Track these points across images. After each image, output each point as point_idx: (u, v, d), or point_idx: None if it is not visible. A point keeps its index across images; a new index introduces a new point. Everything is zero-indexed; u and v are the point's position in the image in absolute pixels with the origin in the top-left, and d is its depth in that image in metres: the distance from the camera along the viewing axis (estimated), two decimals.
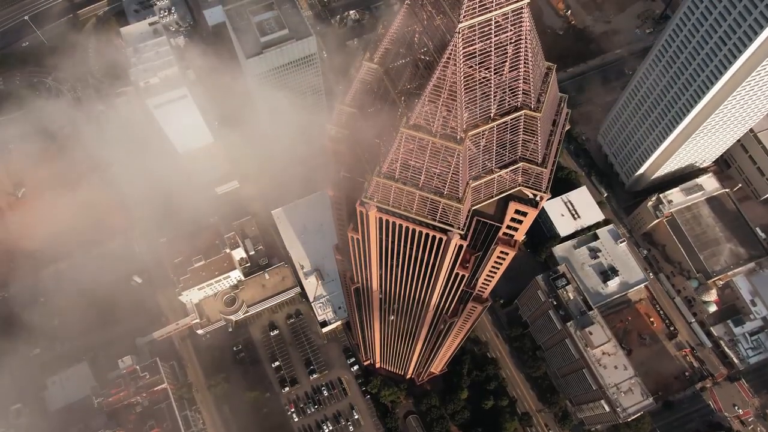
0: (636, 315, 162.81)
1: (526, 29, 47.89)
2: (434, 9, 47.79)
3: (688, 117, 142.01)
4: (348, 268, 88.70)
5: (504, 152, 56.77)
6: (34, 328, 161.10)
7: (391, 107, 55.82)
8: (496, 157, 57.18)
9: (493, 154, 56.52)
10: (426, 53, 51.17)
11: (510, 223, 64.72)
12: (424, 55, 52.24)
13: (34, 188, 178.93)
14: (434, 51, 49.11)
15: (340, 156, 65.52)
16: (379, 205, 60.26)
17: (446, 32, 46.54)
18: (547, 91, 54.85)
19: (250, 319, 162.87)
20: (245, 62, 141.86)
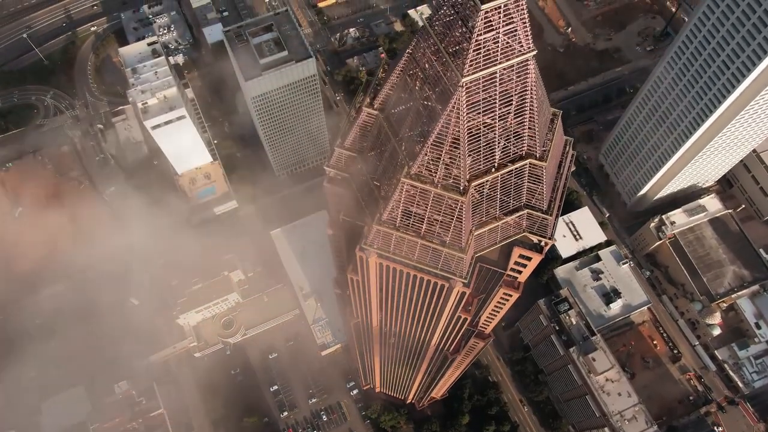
0: (639, 337, 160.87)
1: (532, 80, 46.45)
2: (436, 59, 46.31)
3: (691, 138, 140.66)
4: (347, 303, 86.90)
5: (508, 200, 55.22)
6: (30, 350, 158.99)
7: (391, 154, 54.31)
8: (500, 205, 55.61)
9: (497, 201, 54.94)
10: (428, 100, 49.70)
11: (514, 266, 63.08)
12: (426, 100, 50.75)
13: (32, 208, 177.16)
14: (436, 101, 47.65)
15: (339, 197, 63.95)
16: (379, 252, 58.59)
17: (449, 85, 45.06)
18: (553, 138, 53.35)
19: (249, 342, 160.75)
20: (244, 84, 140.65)
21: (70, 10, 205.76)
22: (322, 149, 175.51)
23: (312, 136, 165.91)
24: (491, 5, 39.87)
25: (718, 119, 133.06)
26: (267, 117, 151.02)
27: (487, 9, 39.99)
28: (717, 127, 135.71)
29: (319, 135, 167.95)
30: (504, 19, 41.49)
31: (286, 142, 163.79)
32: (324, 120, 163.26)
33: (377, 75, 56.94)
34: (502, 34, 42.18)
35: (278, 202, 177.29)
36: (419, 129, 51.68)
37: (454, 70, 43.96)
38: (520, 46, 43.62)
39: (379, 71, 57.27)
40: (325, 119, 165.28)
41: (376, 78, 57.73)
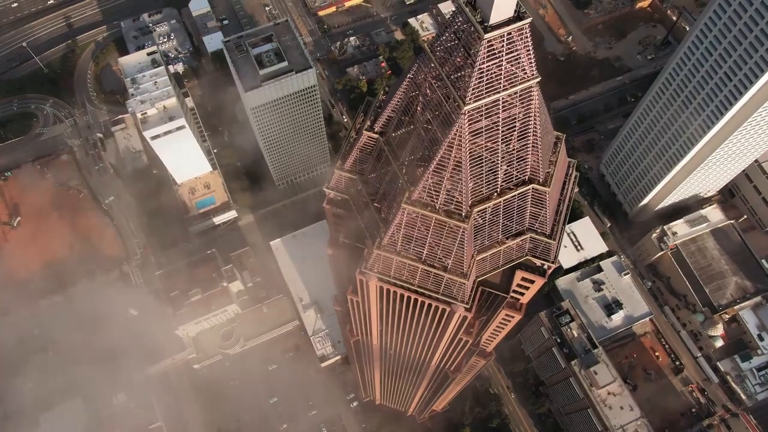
0: (641, 349, 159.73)
1: (536, 106, 45.67)
2: (438, 85, 45.53)
3: (694, 149, 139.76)
4: (347, 320, 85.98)
5: (511, 224, 54.36)
6: (28, 361, 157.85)
7: (392, 178, 53.50)
8: (503, 229, 54.76)
9: (500, 226, 54.10)
10: (429, 125, 48.90)
11: (516, 288, 62.23)
12: (427, 125, 49.93)
13: (30, 217, 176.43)
14: (438, 127, 46.84)
15: (338, 218, 63.14)
16: (379, 275, 57.71)
17: (451, 112, 44.28)
18: (557, 163, 52.55)
19: (248, 353, 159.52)
20: (244, 95, 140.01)
21: (70, 18, 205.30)
22: (323, 159, 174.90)
23: (312, 146, 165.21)
24: (495, 34, 39.15)
25: (721, 130, 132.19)
26: (267, 127, 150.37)
27: (491, 38, 39.27)
28: (720, 138, 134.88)
29: (319, 145, 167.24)
30: (507, 47, 40.75)
31: (286, 152, 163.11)
32: (324, 130, 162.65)
33: (378, 97, 56.18)
34: (506, 61, 41.43)
35: (278, 212, 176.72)
36: (420, 153, 50.91)
37: (456, 98, 43.18)
38: (524, 72, 42.87)
39: (379, 94, 56.50)
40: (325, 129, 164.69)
41: (376, 100, 56.99)
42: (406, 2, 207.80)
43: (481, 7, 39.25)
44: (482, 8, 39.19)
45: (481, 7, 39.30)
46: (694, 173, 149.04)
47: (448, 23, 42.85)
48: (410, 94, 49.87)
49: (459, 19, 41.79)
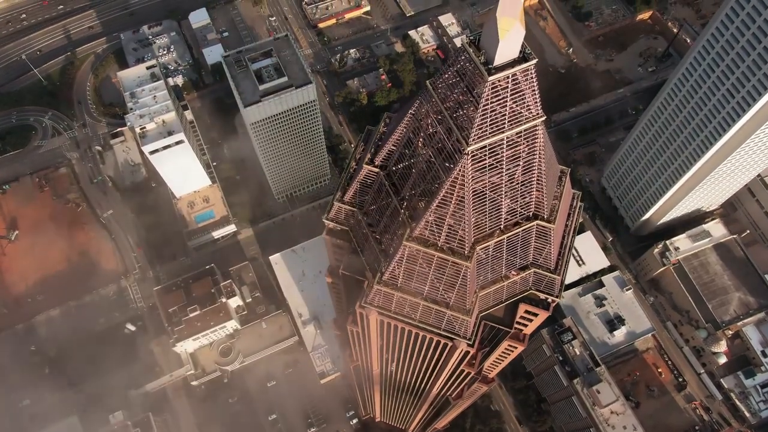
0: (643, 365, 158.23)
1: (540, 144, 44.61)
2: (440, 124, 44.45)
3: (697, 165, 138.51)
4: (347, 345, 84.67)
5: (514, 259, 53.19)
6: (24, 377, 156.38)
7: (393, 212, 52.37)
8: (506, 264, 53.58)
9: (503, 261, 52.92)
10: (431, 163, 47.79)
11: (519, 320, 60.98)
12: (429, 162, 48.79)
13: (28, 231, 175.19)
14: (440, 165, 45.74)
15: (338, 248, 61.99)
16: (380, 310, 56.48)
17: (454, 152, 43.21)
18: (561, 198, 51.43)
19: (247, 370, 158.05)
20: (244, 110, 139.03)
21: (69, 30, 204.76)
22: (323, 172, 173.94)
23: (312, 160, 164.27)
24: (499, 76, 38.13)
25: (724, 146, 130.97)
26: (266, 142, 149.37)
27: (495, 80, 38.25)
28: (723, 153, 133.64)
29: (319, 159, 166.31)
30: (512, 87, 39.74)
31: (285, 167, 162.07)
32: (324, 144, 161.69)
33: (378, 129, 55.14)
34: (510, 101, 40.42)
35: (277, 226, 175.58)
36: (422, 188, 49.78)
37: (459, 137, 42.14)
38: (529, 112, 41.85)
39: (380, 125, 55.49)
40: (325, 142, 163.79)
41: (377, 131, 55.97)
42: (407, 14, 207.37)
43: (485, 48, 38.26)
44: (486, 49, 38.20)
45: (485, 47, 38.31)
46: (697, 188, 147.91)
47: (451, 61, 41.84)
48: (411, 129, 48.82)
49: (462, 58, 40.81)
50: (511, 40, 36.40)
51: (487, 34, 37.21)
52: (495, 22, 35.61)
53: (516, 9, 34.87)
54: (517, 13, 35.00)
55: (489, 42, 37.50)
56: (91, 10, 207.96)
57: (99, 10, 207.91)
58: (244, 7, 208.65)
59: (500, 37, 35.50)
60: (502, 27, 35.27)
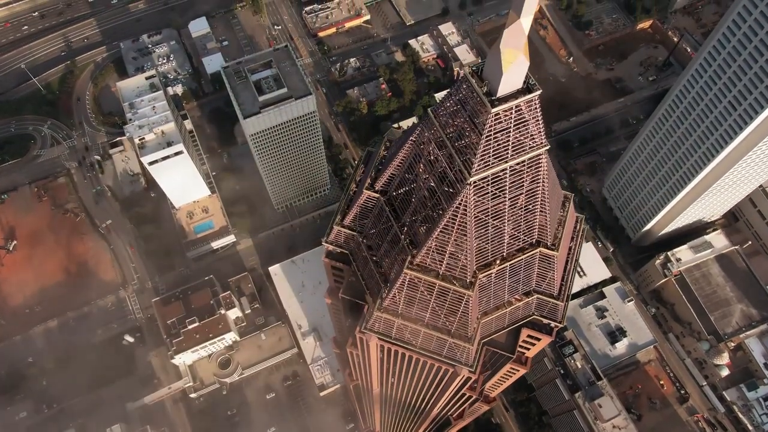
0: (645, 377, 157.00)
1: (544, 172, 43.81)
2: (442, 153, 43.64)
3: (699, 176, 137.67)
4: (347, 363, 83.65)
5: (517, 285, 52.32)
6: (21, 389, 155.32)
7: (393, 238, 51.53)
8: (509, 290, 52.72)
9: (506, 287, 52.05)
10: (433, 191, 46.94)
11: (522, 344, 60.08)
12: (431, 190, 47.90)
13: (27, 241, 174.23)
14: (442, 194, 44.93)
15: (337, 271, 61.12)
16: (380, 336, 55.56)
17: (456, 181, 42.41)
18: (565, 224, 50.60)
19: (246, 382, 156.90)
20: (243, 121, 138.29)
21: (69, 39, 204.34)
22: (322, 182, 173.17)
23: (312, 170, 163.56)
24: (503, 108, 37.35)
25: (727, 157, 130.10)
26: (266, 153, 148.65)
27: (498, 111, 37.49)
28: (726, 165, 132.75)
29: (319, 169, 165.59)
30: (516, 118, 39.00)
31: (285, 177, 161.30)
32: (324, 154, 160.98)
33: (379, 152, 54.34)
34: (514, 131, 39.67)
35: (277, 236, 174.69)
36: (423, 214, 48.97)
37: (461, 167, 41.36)
38: (533, 141, 41.10)
39: (380, 148, 54.70)
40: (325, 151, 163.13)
41: (377, 152, 55.18)
42: (407, 23, 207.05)
43: (488, 79, 37.50)
44: (489, 80, 37.44)
45: (488, 78, 37.54)
46: (699, 199, 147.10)
47: (453, 90, 41.08)
48: (413, 156, 48.04)
49: (464, 87, 40.06)
50: (514, 72, 35.65)
51: (490, 65, 36.44)
52: (498, 53, 34.83)
53: (520, 41, 34.11)
54: (521, 45, 34.23)
55: (492, 73, 36.73)
56: (90, 19, 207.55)
57: (99, 19, 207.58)
58: (244, 17, 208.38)
59: (504, 70, 34.75)
60: (505, 59, 34.51)
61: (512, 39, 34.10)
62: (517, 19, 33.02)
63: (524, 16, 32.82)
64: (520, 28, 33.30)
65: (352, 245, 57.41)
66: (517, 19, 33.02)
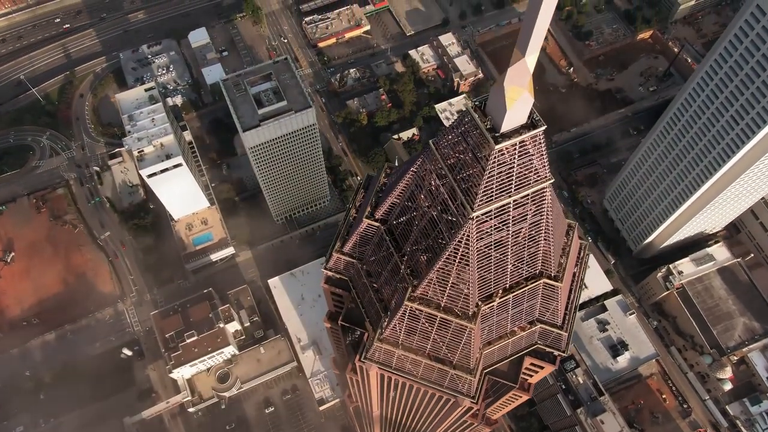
0: (647, 391, 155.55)
1: (548, 204, 42.97)
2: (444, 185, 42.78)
3: (702, 189, 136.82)
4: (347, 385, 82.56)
5: (520, 316, 51.37)
6: (18, 403, 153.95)
7: (394, 268, 50.60)
8: (512, 320, 51.76)
9: (508, 318, 51.10)
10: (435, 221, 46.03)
11: (525, 371, 59.07)
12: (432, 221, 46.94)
13: (25, 252, 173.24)
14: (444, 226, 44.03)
15: (337, 297, 60.16)
16: (380, 366, 54.54)
17: (458, 215, 41.54)
18: (569, 254, 49.71)
19: (244, 396, 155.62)
20: (243, 134, 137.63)
21: (68, 49, 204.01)
22: (322, 194, 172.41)
23: (311, 182, 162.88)
24: (507, 144, 36.54)
25: (730, 170, 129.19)
26: (266, 165, 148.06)
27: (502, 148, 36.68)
28: (729, 178, 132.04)
29: (319, 181, 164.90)
30: (520, 153, 38.19)
31: (285, 189, 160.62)
32: (323, 166, 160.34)
33: (379, 179, 53.49)
34: (517, 166, 38.84)
35: (276, 248, 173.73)
36: (424, 245, 48.06)
37: (463, 201, 40.50)
38: (537, 175, 40.26)
39: (380, 175, 53.86)
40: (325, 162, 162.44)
41: (377, 178, 54.33)
42: (407, 34, 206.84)
43: (492, 114, 36.71)
44: (492, 115, 36.65)
45: (491, 114, 36.75)
46: (701, 212, 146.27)
47: (455, 123, 40.30)
48: (413, 186, 47.18)
49: (466, 120, 39.27)
50: (519, 109, 34.85)
51: (494, 102, 35.66)
52: (502, 90, 34.04)
53: (524, 78, 33.33)
54: (526, 82, 33.44)
55: (495, 109, 35.95)
56: (90, 29, 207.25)
57: (98, 29, 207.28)
58: (243, 27, 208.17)
59: (508, 107, 33.95)
60: (509, 96, 33.72)
61: (517, 77, 33.31)
62: (521, 58, 32.27)
63: (529, 54, 32.07)
64: (525, 66, 32.53)
65: (351, 272, 56.50)
66: (521, 58, 32.27)
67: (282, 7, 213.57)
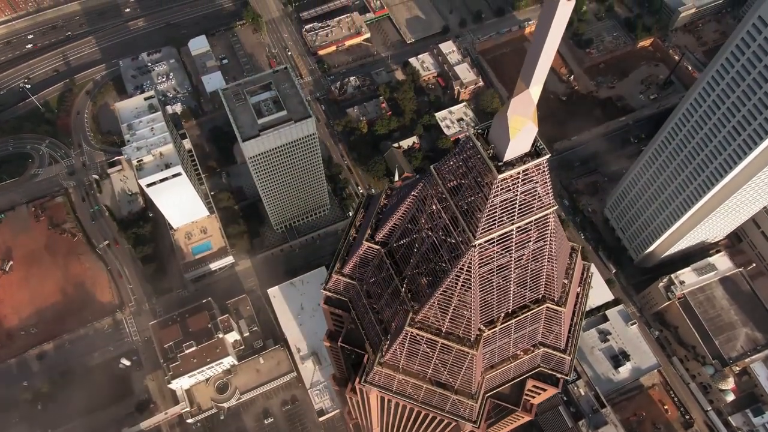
0: (649, 402, 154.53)
1: (551, 230, 42.26)
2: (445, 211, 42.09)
3: (704, 199, 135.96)
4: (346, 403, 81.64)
5: (523, 340, 50.59)
6: (16, 413, 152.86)
7: (394, 291, 49.85)
8: (514, 344, 50.99)
9: (511, 342, 50.31)
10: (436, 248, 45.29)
11: (528, 394, 58.23)
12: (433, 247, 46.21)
13: (23, 261, 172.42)
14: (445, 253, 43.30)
15: (336, 317, 59.37)
16: (380, 390, 53.72)
17: (460, 242, 40.83)
18: (572, 277, 48.96)
19: (243, 406, 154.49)
20: (242, 144, 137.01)
21: (68, 57, 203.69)
22: (322, 203, 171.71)
23: (311, 191, 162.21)
24: (510, 174, 35.85)
25: (733, 180, 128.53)
26: (265, 175, 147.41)
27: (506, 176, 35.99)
28: (731, 188, 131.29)
29: (319, 190, 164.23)
30: (523, 180, 37.49)
31: (284, 198, 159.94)
32: (323, 175, 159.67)
33: (379, 201, 52.78)
34: (521, 194, 38.15)
35: (276, 257, 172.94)
36: (426, 267, 47.33)
37: (465, 229, 39.78)
38: (540, 202, 39.56)
39: (381, 196, 53.15)
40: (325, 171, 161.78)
41: (377, 200, 53.64)
42: (407, 42, 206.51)
43: (494, 143, 36.03)
44: (495, 144, 35.97)
45: (494, 142, 36.07)
46: (704, 221, 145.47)
47: (457, 150, 39.62)
48: (414, 211, 46.48)
49: (468, 146, 38.59)
50: (522, 138, 34.18)
51: (497, 131, 34.99)
52: (505, 120, 33.37)
53: (529, 109, 32.67)
54: (530, 112, 32.77)
55: (498, 138, 35.28)
56: (90, 37, 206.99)
57: (98, 37, 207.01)
58: (243, 34, 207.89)
59: (511, 137, 33.27)
60: (513, 126, 33.05)
61: (520, 107, 32.64)
62: (525, 89, 31.60)
63: (533, 85, 31.40)
64: (529, 97, 31.88)
65: (351, 293, 55.74)
66: (525, 89, 31.60)
67: (282, 14, 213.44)
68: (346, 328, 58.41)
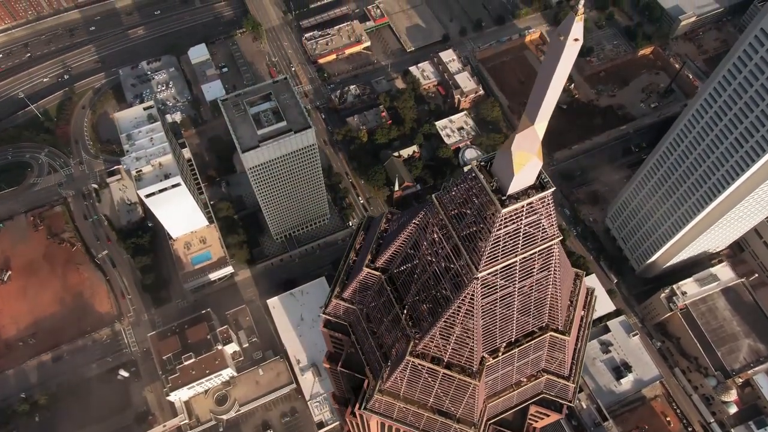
0: (651, 414, 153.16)
1: (555, 260, 41.46)
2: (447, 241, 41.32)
3: (706, 209, 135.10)
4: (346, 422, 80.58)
5: (526, 368, 49.73)
6: (13, 425, 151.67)
7: (395, 318, 49.02)
8: (517, 371, 50.10)
9: (514, 369, 49.44)
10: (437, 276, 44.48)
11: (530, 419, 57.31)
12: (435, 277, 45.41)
13: (21, 271, 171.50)
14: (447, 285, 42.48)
15: (336, 340, 58.50)
16: (380, 417, 52.82)
17: (462, 274, 40.03)
18: (576, 304, 48.14)
19: (243, 418, 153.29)
20: (242, 155, 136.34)
21: (67, 65, 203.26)
22: (322, 213, 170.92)
23: (311, 201, 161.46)
24: (514, 208, 35.08)
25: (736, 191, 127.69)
26: (265, 185, 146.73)
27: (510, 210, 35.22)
28: (734, 199, 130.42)
29: (319, 199, 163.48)
30: (528, 213, 36.73)
31: (284, 208, 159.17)
32: (323, 185, 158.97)
33: (380, 226, 51.99)
34: (525, 226, 37.38)
35: (276, 267, 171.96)
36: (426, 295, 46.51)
37: (468, 262, 38.99)
38: (544, 234, 38.78)
39: (382, 220, 52.37)
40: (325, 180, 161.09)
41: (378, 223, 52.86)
42: (407, 50, 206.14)
43: (498, 176, 35.27)
44: (499, 177, 35.22)
45: (497, 175, 35.32)
46: (706, 232, 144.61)
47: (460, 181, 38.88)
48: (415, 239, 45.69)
49: (470, 177, 37.84)
50: (527, 173, 33.43)
51: (500, 165, 34.25)
52: (509, 154, 32.62)
53: (534, 145, 31.94)
54: (535, 148, 32.03)
55: (502, 171, 34.54)
56: (89, 45, 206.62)
57: (97, 45, 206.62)
58: (243, 43, 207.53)
59: (515, 172, 32.52)
60: (517, 162, 32.33)
61: (525, 143, 31.93)
62: (530, 125, 30.87)
63: (539, 122, 30.67)
64: (534, 133, 31.15)
65: (351, 317, 54.89)
66: (530, 125, 30.87)
67: (282, 22, 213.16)
68: (346, 351, 57.56)
